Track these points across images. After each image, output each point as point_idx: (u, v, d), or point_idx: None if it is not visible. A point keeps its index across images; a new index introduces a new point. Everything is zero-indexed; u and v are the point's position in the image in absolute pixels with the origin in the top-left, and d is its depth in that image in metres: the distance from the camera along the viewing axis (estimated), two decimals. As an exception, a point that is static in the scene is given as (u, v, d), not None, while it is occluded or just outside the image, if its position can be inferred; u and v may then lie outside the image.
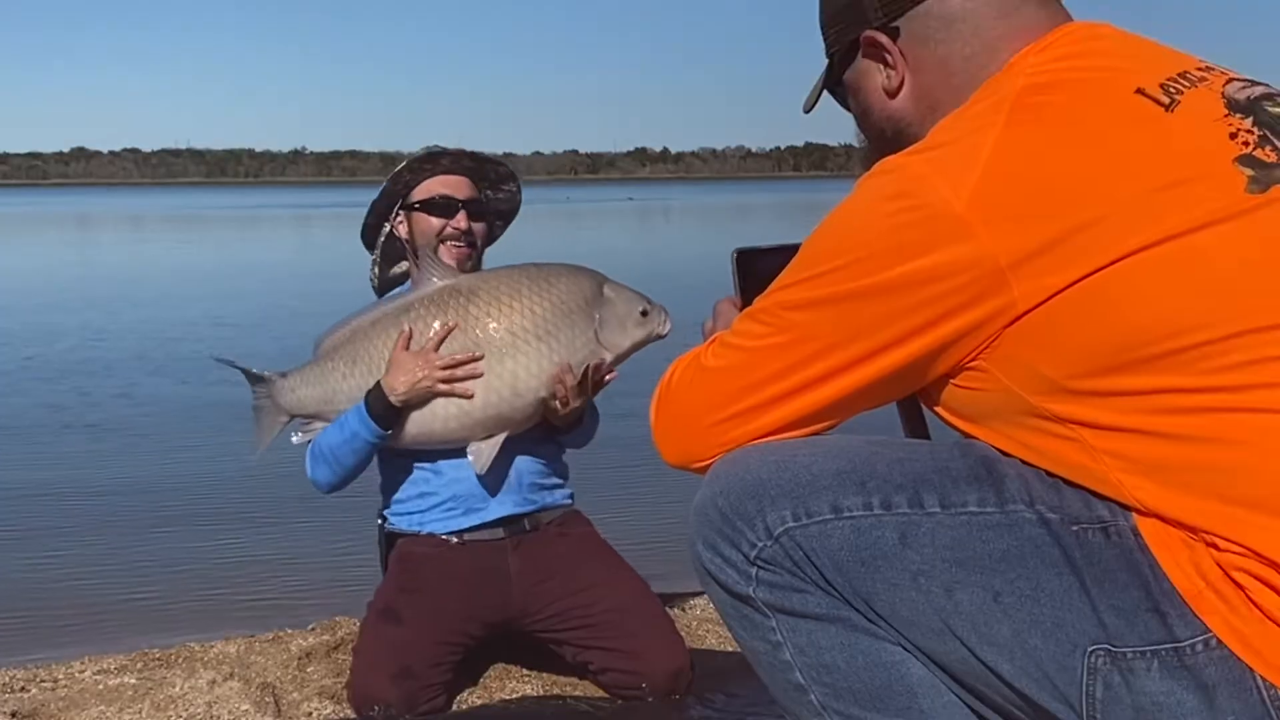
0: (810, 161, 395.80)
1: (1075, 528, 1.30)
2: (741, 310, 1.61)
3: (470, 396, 2.77)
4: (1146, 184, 1.27)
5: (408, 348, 2.79)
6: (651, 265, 17.21)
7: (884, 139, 1.55)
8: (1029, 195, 1.28)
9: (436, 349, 2.77)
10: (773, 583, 1.42)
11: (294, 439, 2.97)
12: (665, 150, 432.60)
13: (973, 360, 1.34)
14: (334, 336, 2.94)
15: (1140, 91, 1.33)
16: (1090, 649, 1.28)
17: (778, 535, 1.39)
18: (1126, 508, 1.29)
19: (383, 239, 3.09)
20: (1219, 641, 1.23)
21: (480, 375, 2.77)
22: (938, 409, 1.44)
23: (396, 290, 3.08)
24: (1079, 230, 1.26)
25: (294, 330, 10.14)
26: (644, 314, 2.83)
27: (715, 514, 1.44)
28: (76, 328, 11.54)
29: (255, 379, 3.01)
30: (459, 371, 2.76)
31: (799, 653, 1.43)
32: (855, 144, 1.65)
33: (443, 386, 2.76)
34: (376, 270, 3.15)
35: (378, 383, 2.79)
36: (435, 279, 2.86)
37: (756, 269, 1.62)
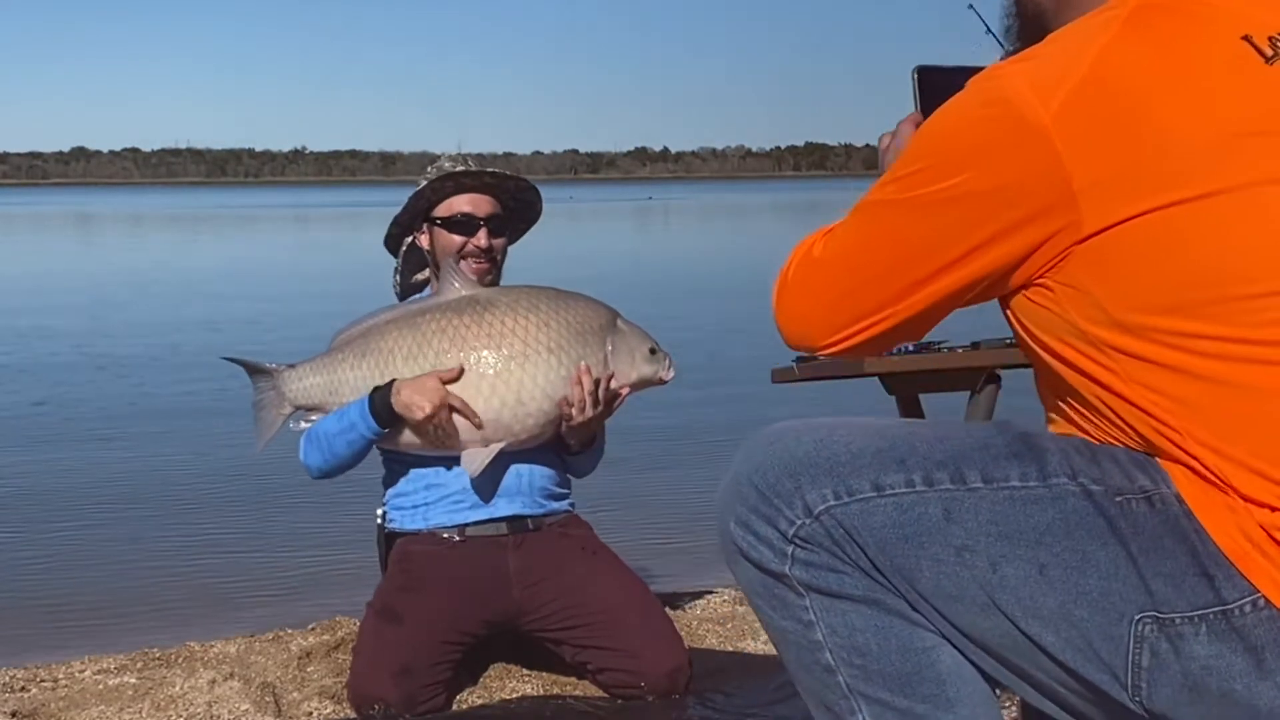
0: (810, 161, 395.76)
1: (1119, 498, 1.31)
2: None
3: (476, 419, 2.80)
4: (1229, 129, 1.28)
5: (443, 380, 2.79)
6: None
7: (1024, 18, 1.56)
8: (1113, 120, 1.29)
9: (458, 378, 2.79)
10: (810, 561, 1.41)
11: (292, 425, 2.98)
12: (665, 150, 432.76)
13: (1041, 277, 1.35)
14: (349, 331, 3.00)
15: (1246, 38, 1.33)
16: (1137, 617, 1.28)
17: (818, 514, 1.39)
18: (1159, 457, 1.30)
19: (405, 248, 3.14)
20: (1266, 601, 1.24)
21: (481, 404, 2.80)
22: (1008, 313, 1.44)
23: (417, 296, 3.13)
24: (1154, 163, 1.27)
25: (296, 334, 10.13)
26: (652, 352, 2.91)
27: (751, 491, 1.43)
28: (74, 328, 11.54)
29: (259, 372, 3.02)
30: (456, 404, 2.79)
31: (831, 633, 1.43)
32: (855, 143, 1.65)
33: (443, 416, 2.78)
34: (398, 277, 3.19)
35: (390, 382, 2.82)
36: (457, 287, 2.93)
37: (936, 86, 1.62)
